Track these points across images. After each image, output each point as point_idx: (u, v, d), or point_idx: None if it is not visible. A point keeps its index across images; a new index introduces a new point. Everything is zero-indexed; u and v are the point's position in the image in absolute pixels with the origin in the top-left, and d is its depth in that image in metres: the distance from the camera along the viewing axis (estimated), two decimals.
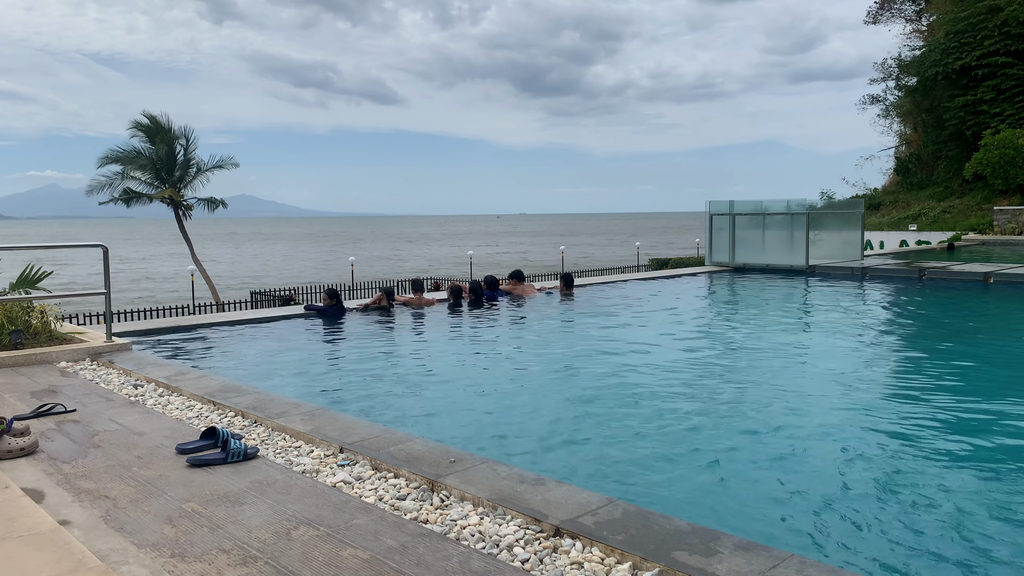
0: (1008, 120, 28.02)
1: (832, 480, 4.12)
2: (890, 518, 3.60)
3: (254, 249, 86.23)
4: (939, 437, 4.93)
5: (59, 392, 5.46)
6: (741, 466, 4.37)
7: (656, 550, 2.72)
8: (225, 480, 3.60)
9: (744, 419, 5.30)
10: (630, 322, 10.04)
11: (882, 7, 37.42)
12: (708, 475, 4.23)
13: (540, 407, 5.69)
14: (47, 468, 3.82)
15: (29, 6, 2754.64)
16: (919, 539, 3.39)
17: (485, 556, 2.78)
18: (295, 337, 8.91)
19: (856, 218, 17.84)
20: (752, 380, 6.60)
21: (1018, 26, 27.68)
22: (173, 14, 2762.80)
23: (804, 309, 11.56)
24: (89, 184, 26.36)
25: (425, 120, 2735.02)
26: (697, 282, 14.81)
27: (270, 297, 23.24)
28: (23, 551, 2.85)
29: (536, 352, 7.97)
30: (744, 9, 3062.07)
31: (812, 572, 2.56)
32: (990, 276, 13.07)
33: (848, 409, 5.61)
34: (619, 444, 4.75)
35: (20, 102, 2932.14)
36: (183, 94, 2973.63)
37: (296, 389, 6.30)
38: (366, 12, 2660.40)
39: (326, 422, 4.44)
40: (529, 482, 3.41)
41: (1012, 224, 24.27)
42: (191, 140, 27.36)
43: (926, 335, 9.43)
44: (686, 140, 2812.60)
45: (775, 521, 3.62)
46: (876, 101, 37.07)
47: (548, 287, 12.80)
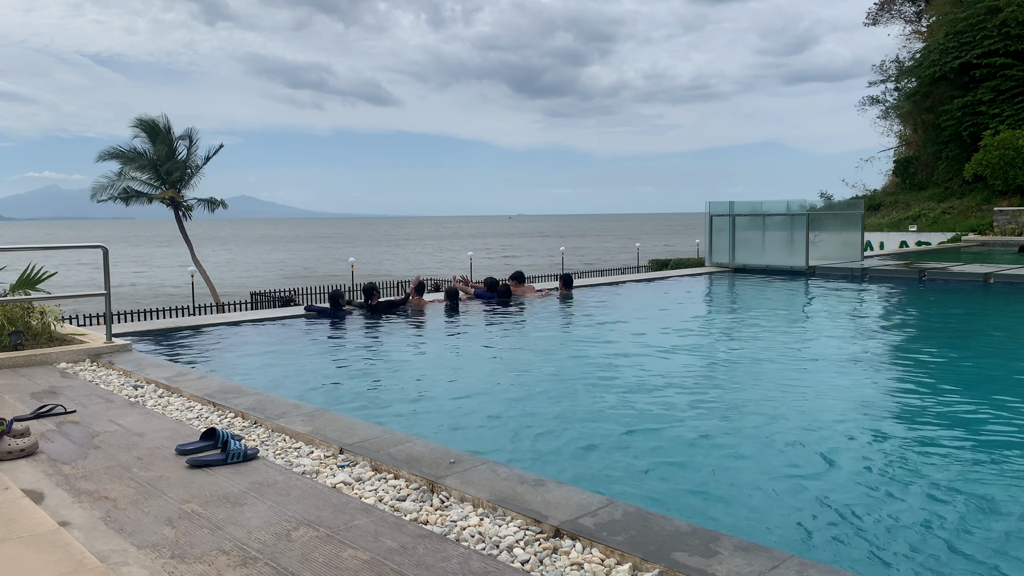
0: (1007, 121, 28.02)
1: (832, 480, 4.12)
2: (890, 518, 3.60)
3: (259, 254, 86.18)
4: (940, 437, 4.93)
5: (59, 393, 5.46)
6: (741, 466, 4.37)
7: (656, 551, 2.72)
8: (225, 481, 3.60)
9: (744, 419, 5.30)
10: (630, 323, 10.04)
11: (882, 8, 37.44)
12: (708, 475, 4.23)
13: (540, 407, 5.69)
14: (47, 469, 3.82)
15: (28, 7, 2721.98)
16: (919, 539, 3.39)
17: (485, 557, 2.78)
18: (295, 338, 8.91)
19: (856, 219, 17.85)
20: (752, 381, 6.60)
21: (1017, 26, 27.68)
22: (168, 16, 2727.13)
23: (804, 310, 11.57)
24: (93, 186, 26.42)
25: (424, 121, 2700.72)
26: (697, 283, 14.81)
27: (270, 298, 23.24)
28: (23, 552, 2.85)
29: (536, 353, 7.97)
30: (737, 10, 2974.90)
31: (812, 573, 2.56)
32: (990, 277, 13.07)
33: (848, 409, 5.61)
34: (619, 444, 4.75)
35: (20, 103, 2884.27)
36: (183, 95, 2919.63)
37: (296, 390, 6.30)
38: (359, 13, 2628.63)
39: (326, 423, 4.44)
40: (529, 483, 3.41)
41: (1012, 225, 24.26)
42: (195, 142, 27.40)
43: (926, 335, 9.43)
44: (685, 141, 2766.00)
45: (775, 521, 3.61)
46: (875, 102, 37.11)
47: (548, 288, 12.80)
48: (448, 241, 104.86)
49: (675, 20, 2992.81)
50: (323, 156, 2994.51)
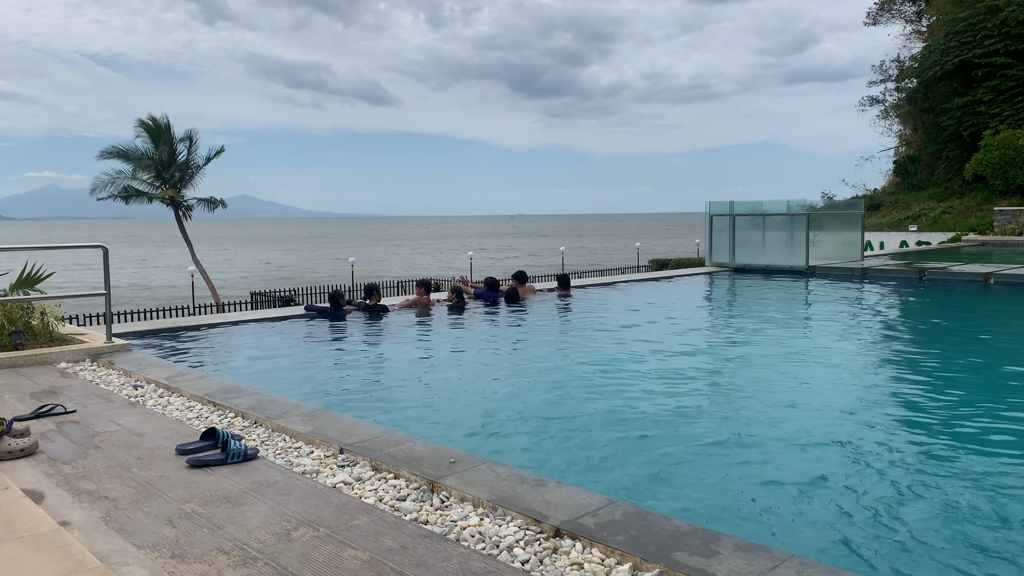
0: (1007, 121, 28.03)
1: (832, 480, 4.11)
2: (890, 518, 3.60)
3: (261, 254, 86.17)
4: (940, 437, 4.93)
5: (59, 393, 5.46)
6: (741, 466, 4.37)
7: (656, 551, 2.72)
8: (225, 481, 3.60)
9: (744, 419, 5.30)
10: (630, 323, 10.04)
11: (882, 8, 37.44)
12: (708, 475, 4.23)
13: (540, 408, 5.69)
14: (47, 469, 3.82)
15: (28, 7, 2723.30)
16: (919, 539, 3.39)
17: (485, 557, 2.78)
18: (295, 338, 8.91)
19: (856, 219, 17.85)
20: (752, 381, 6.60)
21: (1017, 26, 27.68)
22: (168, 16, 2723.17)
23: (804, 310, 11.57)
24: (93, 183, 26.45)
25: (424, 121, 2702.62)
26: (697, 283, 14.81)
27: (270, 298, 23.23)
28: (23, 552, 2.85)
29: (536, 353, 7.97)
30: (736, 10, 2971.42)
31: (812, 573, 2.56)
32: (990, 277, 13.06)
33: (848, 409, 5.60)
34: (619, 444, 4.75)
35: (19, 103, 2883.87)
36: (182, 95, 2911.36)
37: (296, 390, 6.30)
38: (358, 13, 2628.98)
39: (326, 423, 4.44)
40: (529, 483, 3.41)
41: (1012, 225, 24.26)
42: (194, 142, 27.43)
43: (927, 335, 9.43)
44: (685, 141, 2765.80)
45: (775, 521, 3.61)
46: (875, 102, 37.10)
47: (547, 288, 12.82)
48: (447, 241, 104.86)
49: (674, 20, 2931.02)
50: (323, 156, 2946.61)
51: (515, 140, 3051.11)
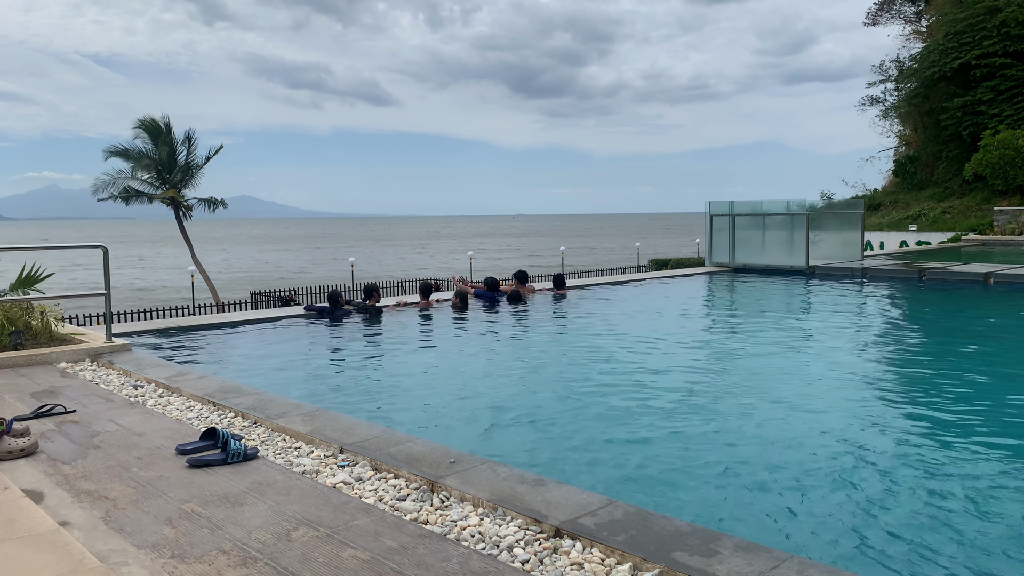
0: (1007, 121, 28.04)
1: (832, 480, 4.11)
2: (890, 517, 3.60)
3: (262, 253, 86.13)
4: (940, 437, 4.93)
5: (59, 393, 5.46)
6: (741, 466, 4.37)
7: (656, 551, 2.72)
8: (225, 481, 3.60)
9: (744, 419, 5.30)
10: (630, 323, 10.04)
11: (881, 8, 37.45)
12: (708, 475, 4.23)
13: (539, 408, 5.69)
14: (47, 469, 3.81)
15: (28, 7, 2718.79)
16: (919, 539, 3.39)
17: (485, 557, 2.78)
18: (295, 338, 8.91)
19: (856, 219, 17.85)
20: (752, 380, 6.60)
21: (1017, 26, 27.69)
22: (167, 16, 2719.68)
23: (804, 310, 11.56)
24: (94, 184, 26.46)
25: (424, 121, 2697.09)
26: (697, 283, 14.81)
27: (270, 298, 23.23)
28: (23, 552, 2.85)
29: (537, 352, 7.97)
30: (735, 10, 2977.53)
31: (812, 572, 2.56)
32: (990, 277, 13.07)
33: (849, 409, 5.61)
34: (619, 444, 4.75)
35: (19, 103, 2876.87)
36: (182, 95, 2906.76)
37: (296, 390, 6.30)
38: (357, 13, 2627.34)
39: (326, 423, 4.44)
40: (529, 483, 3.40)
41: (1012, 224, 24.27)
42: (194, 142, 27.43)
43: (926, 335, 9.43)
44: (685, 141, 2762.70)
45: (775, 522, 3.61)
46: (875, 102, 37.12)
47: (545, 288, 12.85)
48: (447, 241, 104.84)
49: (673, 20, 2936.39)
50: (322, 156, 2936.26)
51: (515, 140, 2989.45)
